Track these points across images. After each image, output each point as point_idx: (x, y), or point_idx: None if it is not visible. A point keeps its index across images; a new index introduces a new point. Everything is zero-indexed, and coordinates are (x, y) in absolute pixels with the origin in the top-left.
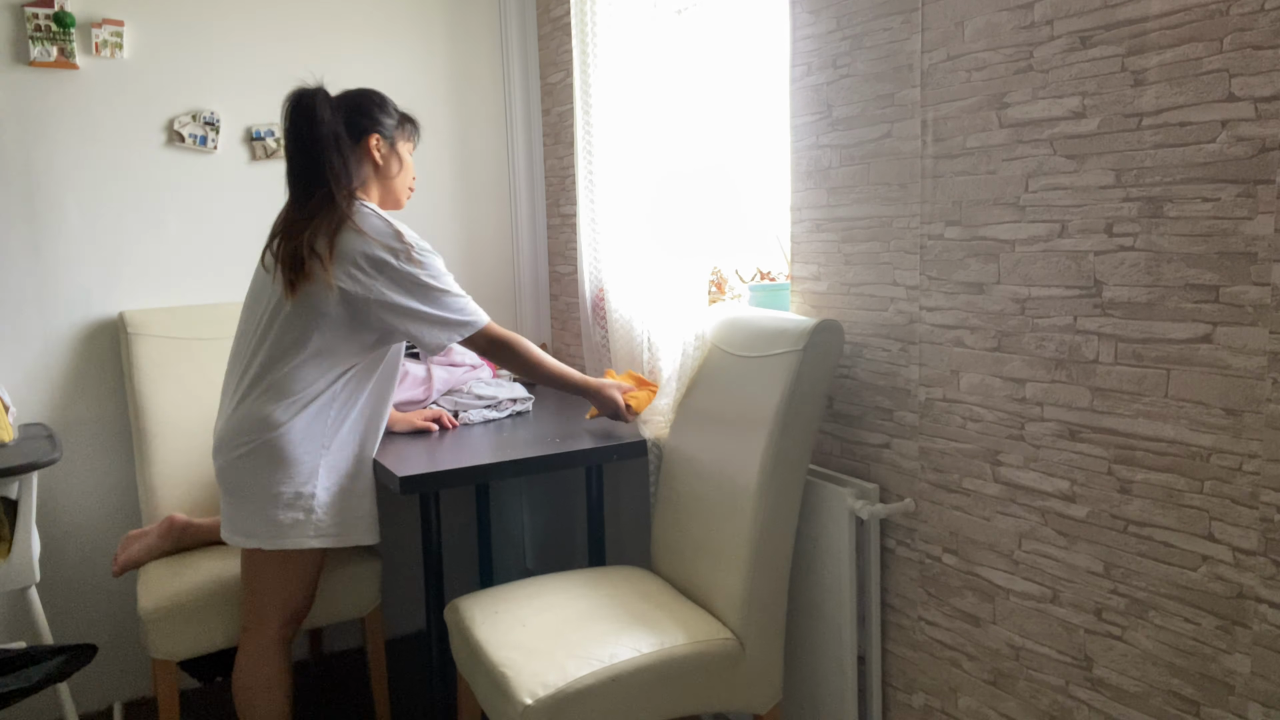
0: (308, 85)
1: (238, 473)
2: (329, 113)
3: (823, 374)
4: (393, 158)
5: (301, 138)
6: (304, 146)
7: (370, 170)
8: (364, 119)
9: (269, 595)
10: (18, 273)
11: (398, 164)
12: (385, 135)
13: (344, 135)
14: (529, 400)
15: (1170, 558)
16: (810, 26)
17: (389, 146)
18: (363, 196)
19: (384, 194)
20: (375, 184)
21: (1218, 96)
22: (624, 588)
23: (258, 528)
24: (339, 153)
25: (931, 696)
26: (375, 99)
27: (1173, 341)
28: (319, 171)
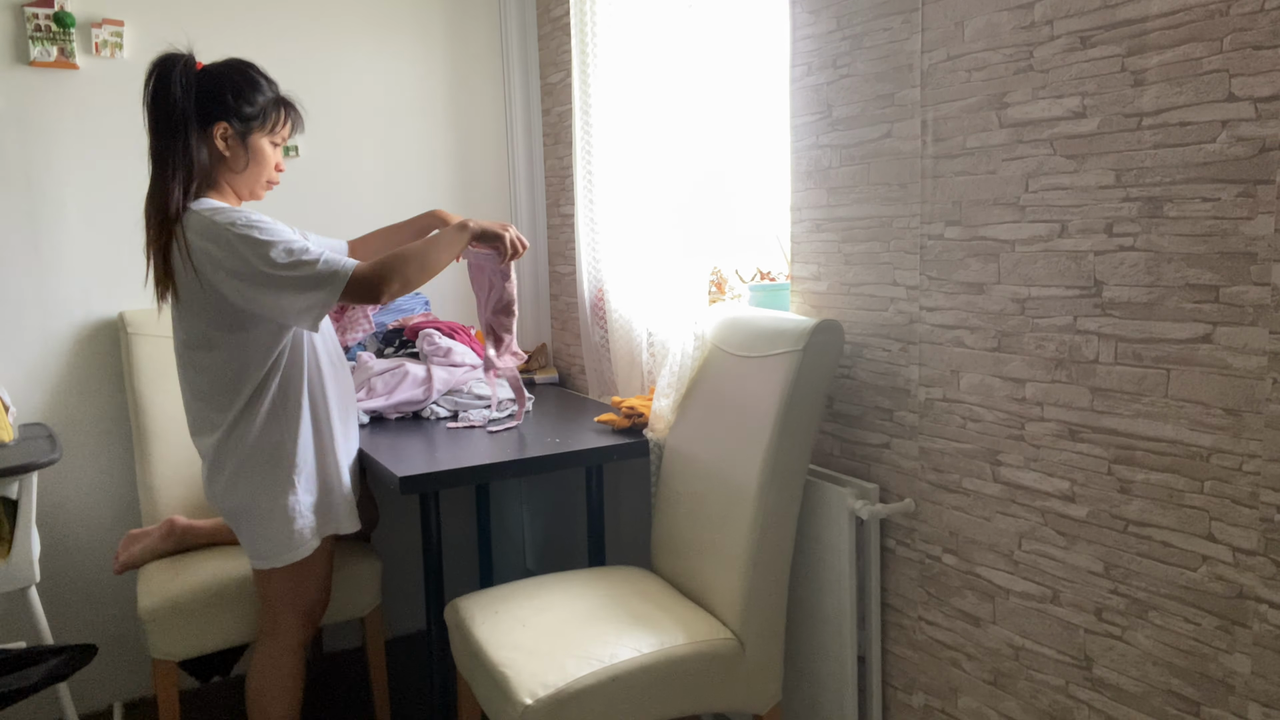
0: (174, 51)
1: (225, 502)
2: (181, 91)
3: (823, 374)
4: (240, 150)
5: (153, 116)
6: (154, 127)
7: (216, 162)
8: (214, 104)
9: (283, 603)
10: (18, 273)
11: (245, 158)
12: (235, 126)
13: (193, 119)
14: (529, 401)
15: (1170, 558)
16: (810, 26)
17: (238, 139)
18: (210, 193)
19: (233, 188)
20: (221, 177)
21: (1218, 96)
22: (624, 588)
23: (264, 547)
24: (184, 140)
25: (931, 696)
26: (235, 81)
27: (1173, 341)
28: (165, 155)
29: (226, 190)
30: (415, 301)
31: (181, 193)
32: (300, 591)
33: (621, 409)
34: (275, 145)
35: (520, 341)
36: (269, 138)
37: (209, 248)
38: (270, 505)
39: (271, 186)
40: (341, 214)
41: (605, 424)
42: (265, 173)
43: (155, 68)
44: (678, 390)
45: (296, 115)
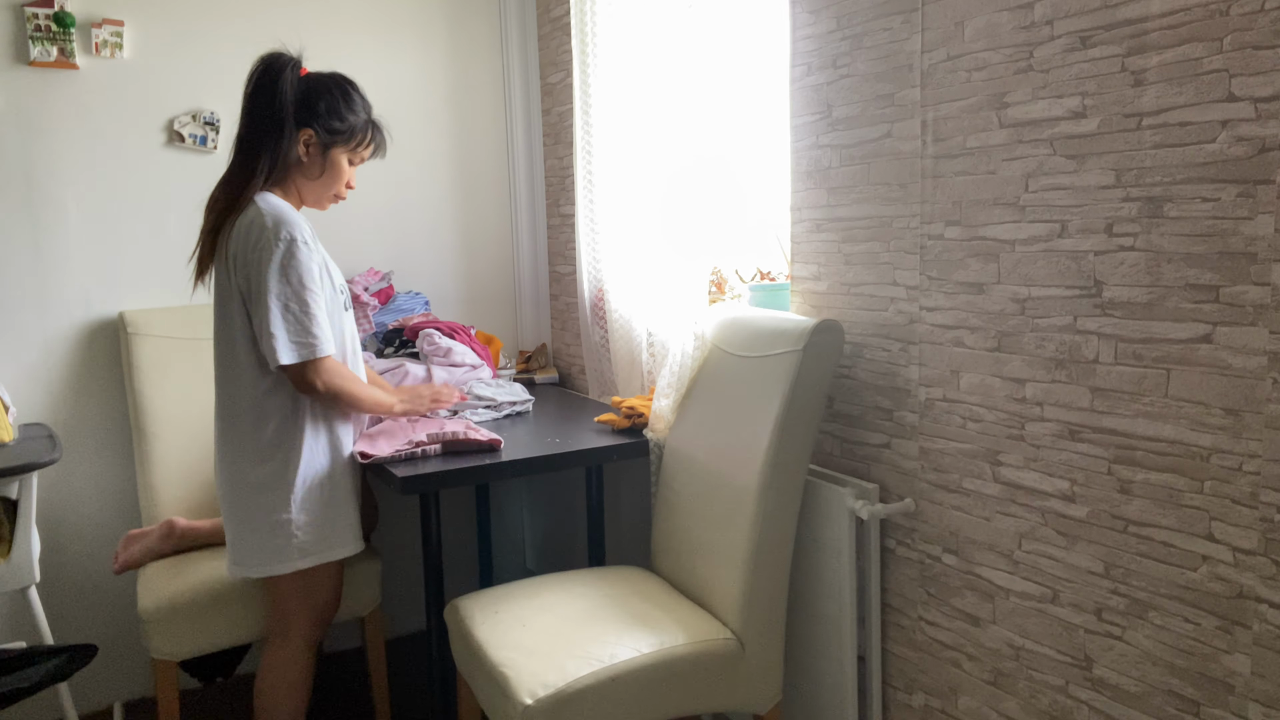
0: (286, 51)
1: (225, 504)
2: (289, 89)
3: (823, 374)
4: (317, 160)
5: (256, 106)
6: (254, 116)
7: (293, 165)
8: (307, 111)
9: (292, 605)
10: (18, 273)
11: (320, 169)
12: (320, 136)
13: (291, 118)
14: (529, 401)
15: (1170, 558)
16: (810, 26)
17: (320, 149)
18: (276, 190)
19: (303, 193)
20: (296, 179)
21: (1218, 96)
22: (624, 588)
23: (248, 556)
24: (280, 135)
25: (931, 696)
26: (339, 93)
27: (1173, 341)
28: (256, 147)
29: (293, 192)
30: (415, 301)
31: (263, 179)
32: (310, 595)
33: (621, 409)
34: (353, 163)
35: (520, 341)
36: (349, 154)
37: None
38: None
39: (337, 201)
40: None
41: (605, 424)
42: (335, 187)
43: (266, 62)
44: (678, 390)
45: (381, 139)
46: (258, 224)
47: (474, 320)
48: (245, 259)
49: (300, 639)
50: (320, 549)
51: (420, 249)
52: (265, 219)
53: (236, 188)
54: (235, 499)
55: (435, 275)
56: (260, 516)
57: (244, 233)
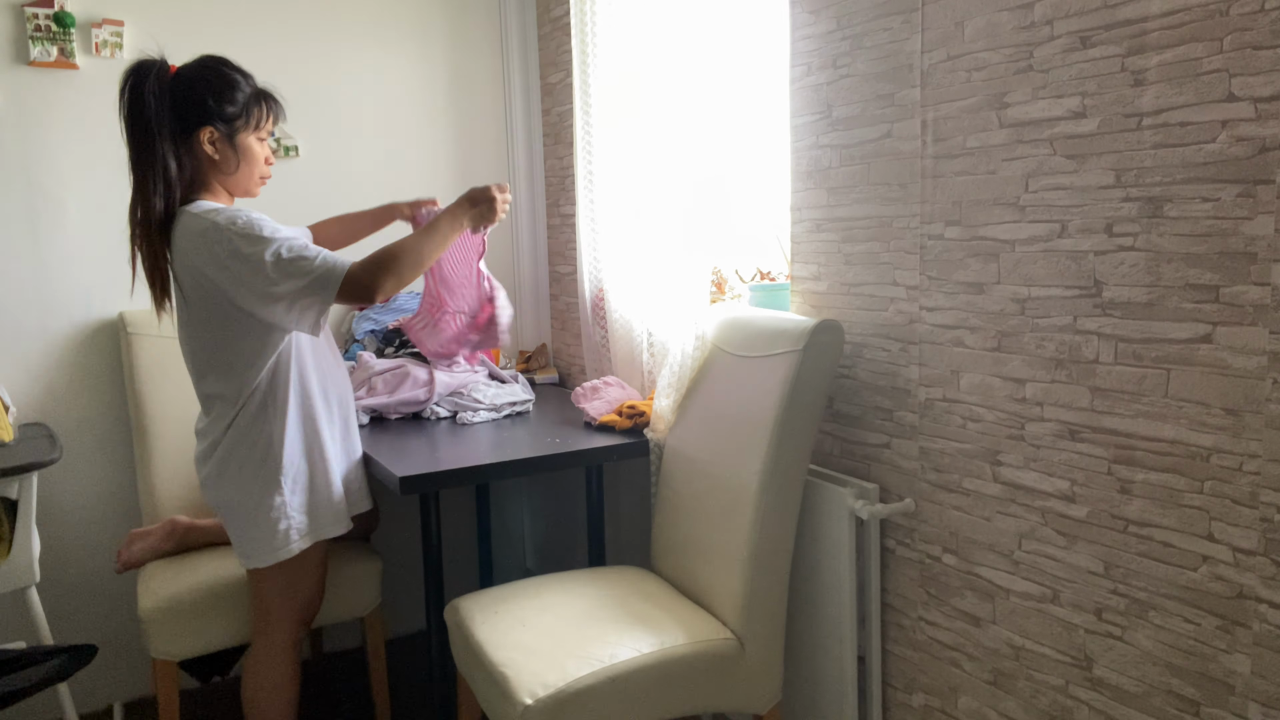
0: (147, 57)
1: (215, 496)
2: (155, 100)
3: (823, 374)
4: (229, 152)
5: (128, 127)
6: (130, 138)
7: (206, 166)
8: (194, 109)
9: (275, 602)
10: (18, 273)
11: (235, 159)
12: (220, 129)
13: (169, 128)
14: (529, 401)
15: (1170, 558)
16: (810, 26)
17: (225, 140)
18: (204, 196)
19: (226, 189)
20: (214, 179)
21: (1218, 96)
22: (624, 588)
23: (250, 547)
24: (160, 149)
25: (931, 696)
26: (211, 82)
27: (1173, 341)
28: (153, 164)
29: (220, 191)
30: (416, 301)
31: (163, 203)
32: (292, 591)
33: (622, 409)
34: (262, 140)
35: (521, 341)
36: (255, 134)
37: (212, 247)
38: (256, 504)
39: (264, 181)
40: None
41: (605, 424)
42: (257, 169)
43: (128, 78)
44: (678, 390)
45: (277, 106)
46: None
47: None
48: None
49: (283, 636)
50: (313, 529)
51: None
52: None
53: (145, 213)
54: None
55: None
56: (257, 506)
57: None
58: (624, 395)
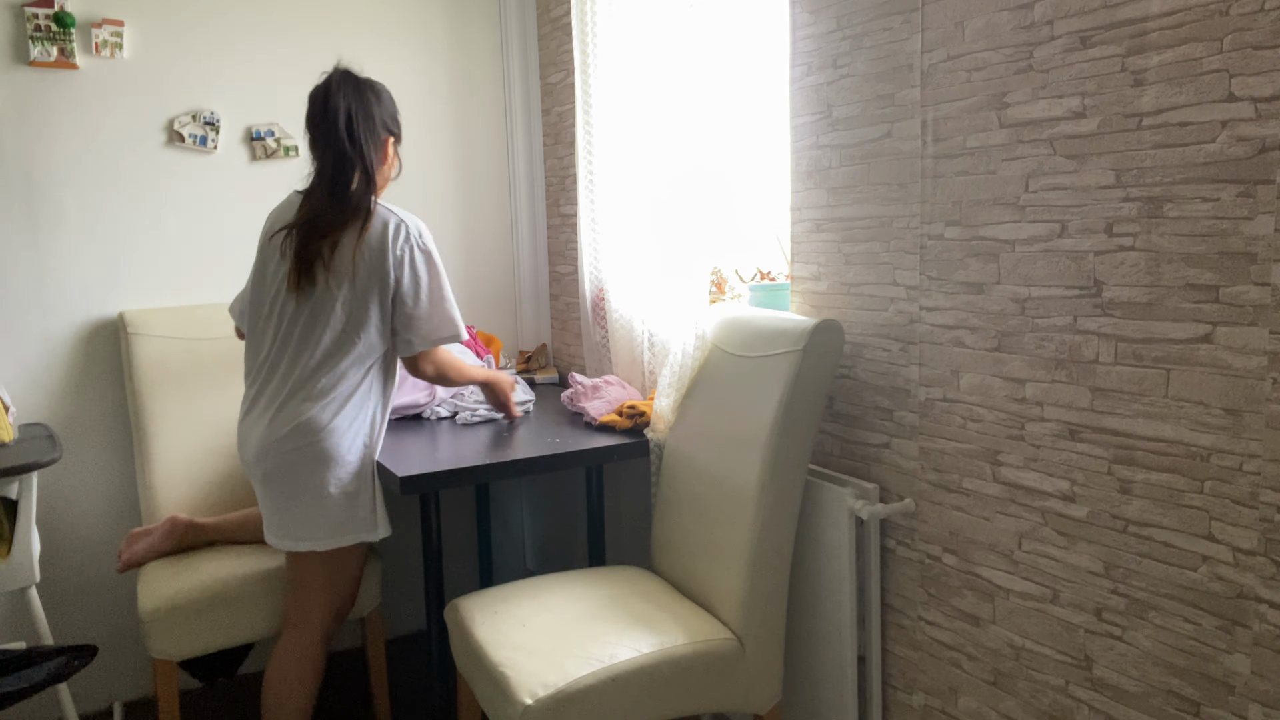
0: (352, 69)
1: (289, 475)
2: (375, 106)
3: (823, 374)
4: (396, 161)
5: (353, 125)
6: (355, 136)
7: (383, 169)
8: (390, 120)
9: (317, 594)
10: (18, 273)
11: (398, 167)
12: (399, 138)
13: (382, 130)
14: (529, 402)
15: (1170, 558)
16: (810, 26)
17: (396, 149)
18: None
19: (381, 191)
20: (380, 184)
21: (1218, 96)
22: (624, 588)
23: (312, 530)
24: (377, 149)
25: (931, 696)
26: (389, 95)
27: (1173, 341)
28: (359, 163)
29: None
30: None
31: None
32: (336, 586)
33: (622, 409)
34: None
35: (521, 341)
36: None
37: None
38: (343, 485)
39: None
40: None
41: (605, 424)
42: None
43: (353, 82)
44: (678, 390)
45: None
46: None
47: (474, 320)
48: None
49: (318, 629)
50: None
51: None
52: (408, 223)
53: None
54: (313, 473)
55: None
56: (339, 490)
57: (393, 237)
58: (624, 395)
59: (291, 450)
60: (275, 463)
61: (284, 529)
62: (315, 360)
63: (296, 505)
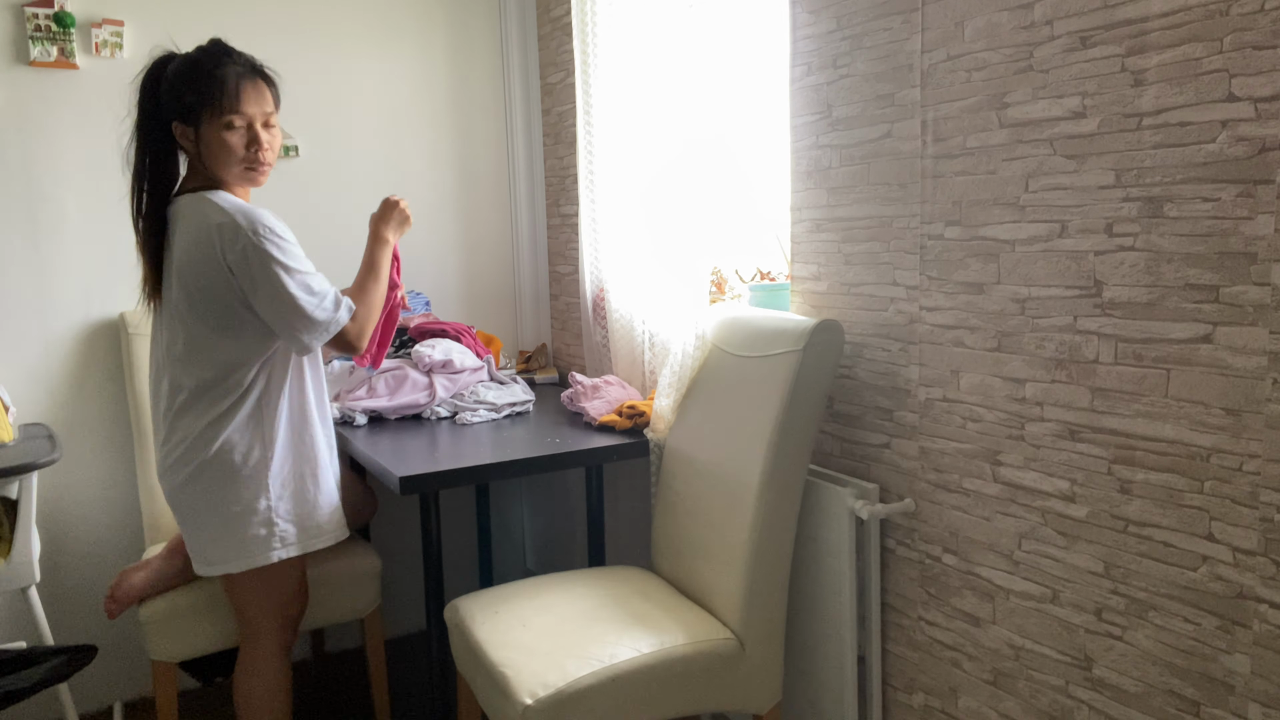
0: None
1: (187, 498)
2: (140, 99)
3: (823, 374)
4: (200, 144)
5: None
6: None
7: (194, 158)
8: (161, 106)
9: (258, 611)
10: (18, 273)
11: (194, 147)
12: (185, 119)
13: (148, 127)
14: (529, 401)
15: (1170, 558)
16: (810, 26)
17: (193, 131)
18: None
19: (222, 180)
20: (214, 173)
21: (1218, 96)
22: (624, 588)
23: (223, 553)
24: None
25: (931, 696)
26: (169, 74)
27: (1173, 341)
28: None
29: (226, 184)
30: (416, 301)
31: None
32: (272, 599)
33: (622, 409)
34: (233, 127)
35: (521, 341)
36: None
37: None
38: (237, 506)
39: (261, 167)
40: (342, 214)
41: (605, 424)
42: (237, 154)
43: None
44: (678, 390)
45: (237, 84)
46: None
47: (474, 320)
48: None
49: (270, 641)
50: (302, 539)
51: (421, 249)
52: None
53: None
54: (206, 492)
55: (436, 275)
56: (238, 509)
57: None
58: (624, 395)
59: (184, 468)
60: (171, 484)
61: (199, 553)
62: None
63: (204, 527)
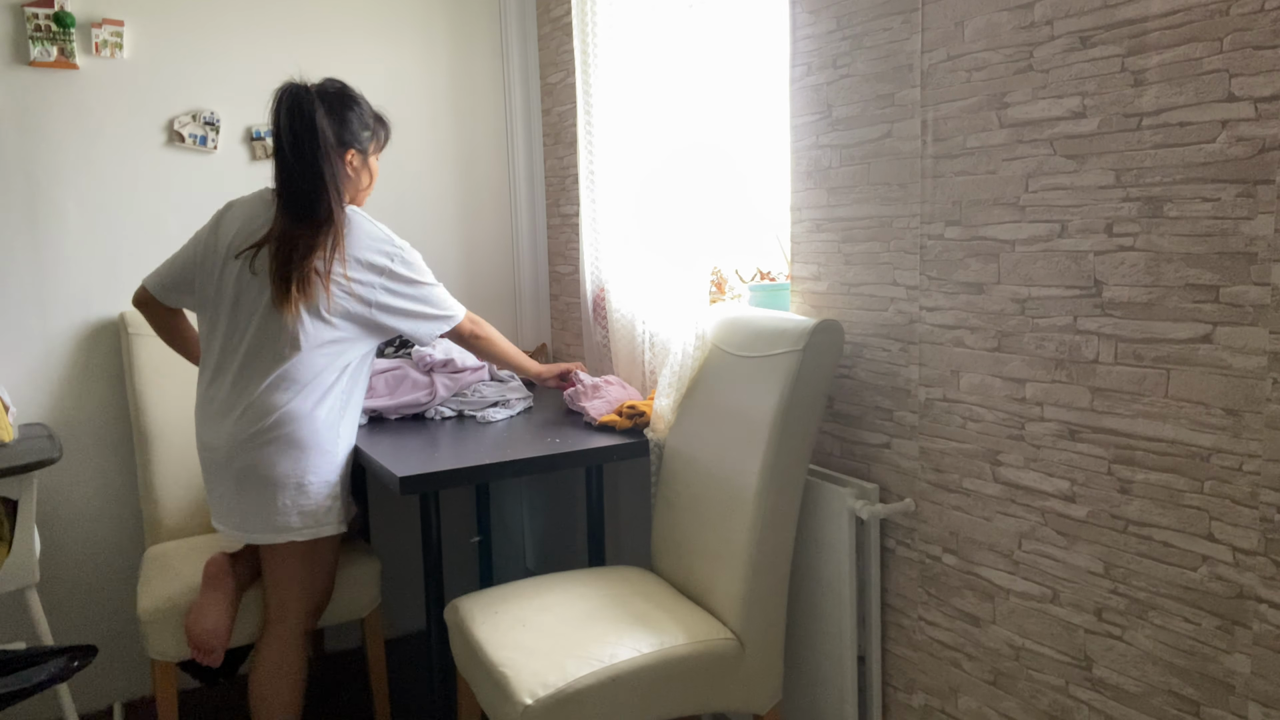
0: (300, 82)
1: (266, 466)
2: (325, 121)
3: (823, 374)
4: (364, 172)
5: (300, 146)
6: (302, 155)
7: (346, 182)
8: (345, 132)
9: (295, 588)
10: (18, 273)
11: (368, 178)
12: (361, 150)
13: (335, 146)
14: (528, 399)
15: (1170, 558)
16: (810, 26)
17: (362, 160)
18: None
19: (354, 202)
20: (348, 195)
21: (1218, 96)
22: (624, 588)
23: (290, 520)
24: (335, 164)
25: (931, 696)
26: (355, 108)
27: (1173, 341)
28: (317, 183)
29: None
30: None
31: (341, 212)
32: (314, 578)
33: (622, 409)
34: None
35: (521, 341)
36: (377, 155)
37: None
38: (314, 479)
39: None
40: None
41: (605, 424)
42: (373, 186)
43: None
44: (678, 390)
45: (389, 131)
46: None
47: None
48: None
49: (296, 624)
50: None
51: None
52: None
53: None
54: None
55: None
56: (314, 482)
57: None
58: (624, 395)
59: (269, 438)
60: (252, 455)
61: (261, 520)
62: (275, 353)
63: (274, 496)
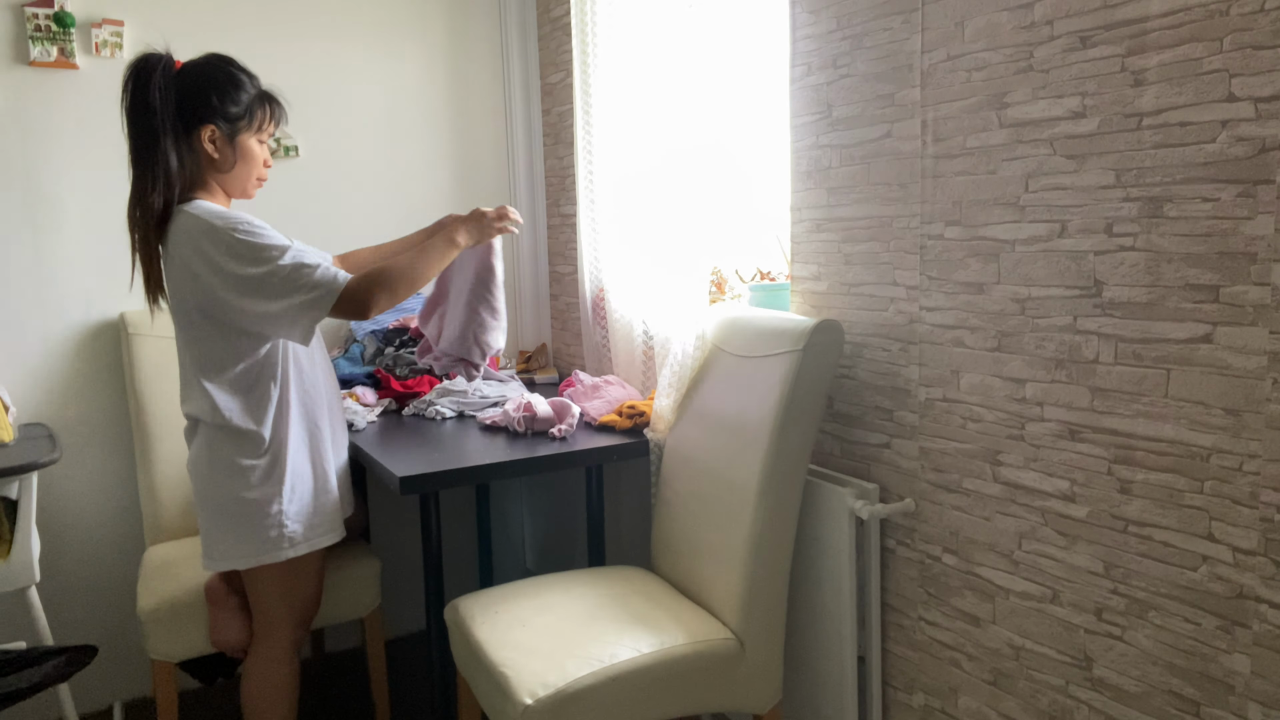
0: (152, 51)
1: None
2: (159, 95)
3: (823, 374)
4: (228, 151)
5: (131, 121)
6: (132, 132)
7: (205, 164)
8: (198, 107)
9: (275, 606)
10: (18, 273)
11: (232, 158)
12: (222, 128)
13: (176, 124)
14: None
15: (1170, 558)
16: (810, 26)
17: (225, 139)
18: (201, 195)
19: (223, 188)
20: (210, 177)
21: (1218, 96)
22: (624, 588)
23: (240, 548)
24: (170, 147)
25: (931, 696)
26: (217, 80)
27: (1173, 341)
28: (154, 159)
29: (216, 190)
30: (416, 301)
31: (162, 200)
32: (291, 595)
33: (622, 409)
34: (262, 142)
35: (521, 341)
36: (256, 136)
37: (208, 250)
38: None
39: (261, 184)
40: (342, 214)
41: (605, 424)
42: (255, 171)
43: (132, 71)
44: (678, 390)
45: (280, 109)
46: (206, 229)
47: None
48: (211, 262)
49: (283, 639)
50: (307, 537)
51: None
52: (208, 219)
53: (144, 210)
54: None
55: None
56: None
57: (197, 240)
58: (624, 395)
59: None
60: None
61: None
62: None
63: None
